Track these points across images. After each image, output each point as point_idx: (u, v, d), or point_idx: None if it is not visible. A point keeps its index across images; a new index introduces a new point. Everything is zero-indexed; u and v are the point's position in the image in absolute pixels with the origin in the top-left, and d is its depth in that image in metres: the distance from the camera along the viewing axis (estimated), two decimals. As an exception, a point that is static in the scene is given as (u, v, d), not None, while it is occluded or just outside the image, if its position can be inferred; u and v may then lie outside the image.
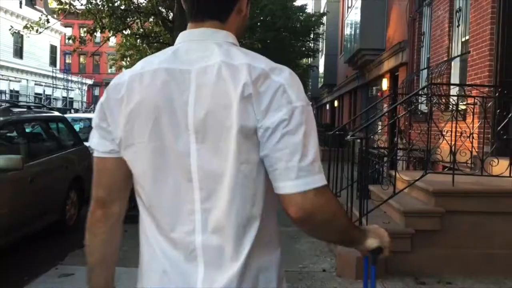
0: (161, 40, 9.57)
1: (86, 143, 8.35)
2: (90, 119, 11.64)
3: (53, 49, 39.34)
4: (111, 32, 8.25)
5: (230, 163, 1.01)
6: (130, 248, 5.62)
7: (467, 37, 7.24)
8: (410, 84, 9.61)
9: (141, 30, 8.60)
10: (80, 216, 6.77)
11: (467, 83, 6.66)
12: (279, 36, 15.59)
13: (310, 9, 23.08)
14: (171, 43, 9.01)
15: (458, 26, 7.62)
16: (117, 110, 1.08)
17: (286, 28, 16.24)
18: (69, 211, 6.33)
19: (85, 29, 8.68)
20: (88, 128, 11.09)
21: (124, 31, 8.35)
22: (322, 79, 27.55)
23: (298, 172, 0.99)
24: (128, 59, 14.41)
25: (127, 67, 15.21)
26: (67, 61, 52.06)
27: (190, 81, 1.03)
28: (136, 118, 1.06)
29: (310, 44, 20.24)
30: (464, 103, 6.22)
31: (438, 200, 4.82)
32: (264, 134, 1.00)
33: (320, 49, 26.00)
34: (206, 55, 1.05)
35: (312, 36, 19.17)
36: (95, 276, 1.22)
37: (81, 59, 58.58)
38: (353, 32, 15.56)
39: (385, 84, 12.91)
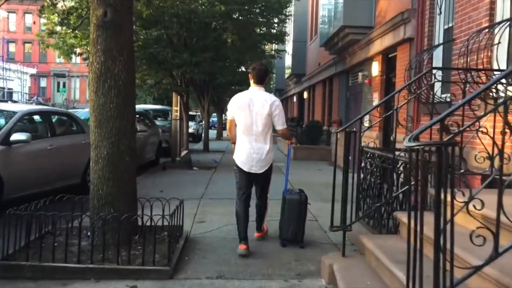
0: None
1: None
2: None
3: (-12, 34, 35.32)
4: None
5: (263, 122, 5.09)
6: None
7: (530, -12, 4.95)
8: (419, 66, 7.27)
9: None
10: None
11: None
12: (243, 11, 13.03)
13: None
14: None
15: (511, -26, 5.32)
16: (236, 106, 5.19)
17: (252, 3, 13.64)
18: None
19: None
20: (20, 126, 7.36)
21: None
22: (290, 69, 25.22)
23: (281, 125, 5.19)
24: (57, 35, 11.60)
25: (56, 45, 12.62)
26: (10, 49, 47.64)
27: (254, 101, 5.12)
28: (241, 108, 5.13)
29: (277, 27, 17.67)
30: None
31: None
32: (274, 116, 5.13)
33: (287, 34, 23.55)
34: (259, 94, 5.17)
35: (280, 17, 16.64)
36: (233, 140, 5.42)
37: (26, 48, 54.06)
38: (333, 9, 13.21)
39: (375, 68, 10.61)
